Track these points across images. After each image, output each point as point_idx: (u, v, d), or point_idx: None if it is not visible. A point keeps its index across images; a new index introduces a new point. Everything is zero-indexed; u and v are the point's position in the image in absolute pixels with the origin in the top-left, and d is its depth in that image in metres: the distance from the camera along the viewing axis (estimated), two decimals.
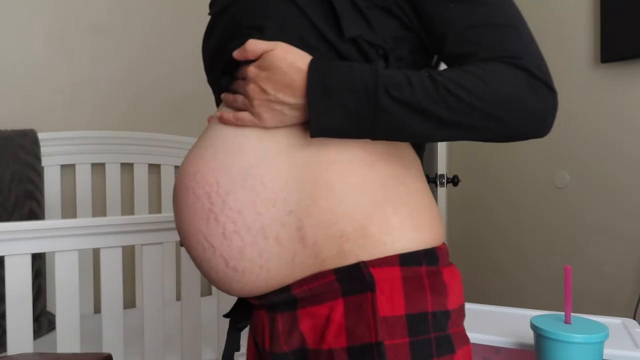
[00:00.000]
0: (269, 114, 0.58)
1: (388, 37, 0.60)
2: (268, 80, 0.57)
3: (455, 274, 0.63)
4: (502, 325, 0.98)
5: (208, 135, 0.64)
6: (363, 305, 0.57)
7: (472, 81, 0.54)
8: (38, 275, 1.60)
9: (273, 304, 0.62)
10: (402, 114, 0.54)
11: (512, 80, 0.55)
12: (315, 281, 0.58)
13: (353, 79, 0.54)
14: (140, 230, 1.24)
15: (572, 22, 1.86)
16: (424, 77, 0.55)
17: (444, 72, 0.56)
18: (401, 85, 0.54)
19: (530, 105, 0.55)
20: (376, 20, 0.59)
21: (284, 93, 0.57)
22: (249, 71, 0.59)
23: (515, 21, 0.58)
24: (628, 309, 1.67)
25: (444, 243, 0.64)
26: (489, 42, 0.57)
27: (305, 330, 0.59)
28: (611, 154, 1.75)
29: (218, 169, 0.59)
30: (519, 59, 0.55)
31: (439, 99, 0.53)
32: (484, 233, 2.23)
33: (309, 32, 0.59)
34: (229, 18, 0.65)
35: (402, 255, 0.58)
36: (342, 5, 0.58)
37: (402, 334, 0.56)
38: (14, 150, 1.65)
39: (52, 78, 1.85)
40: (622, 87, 1.71)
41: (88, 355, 0.90)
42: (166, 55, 2.07)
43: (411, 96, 0.54)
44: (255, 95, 0.58)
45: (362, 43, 0.58)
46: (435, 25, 0.59)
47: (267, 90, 0.57)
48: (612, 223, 1.75)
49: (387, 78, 0.54)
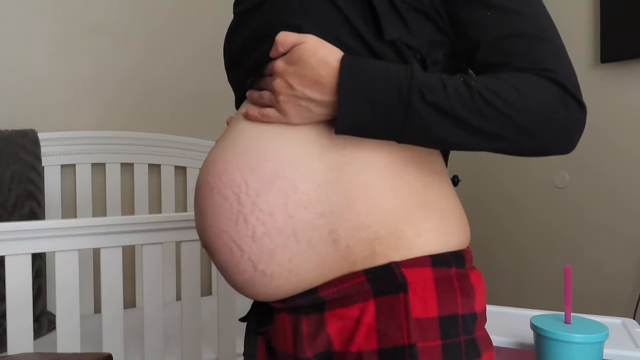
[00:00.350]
0: (294, 110, 0.57)
1: (424, 40, 0.59)
2: (295, 76, 0.56)
3: (479, 277, 0.63)
4: (502, 325, 0.98)
5: (231, 134, 0.62)
6: (395, 306, 0.56)
7: (507, 90, 0.53)
8: (38, 275, 1.60)
9: (298, 306, 0.60)
10: (433, 118, 0.53)
11: (545, 94, 0.54)
12: (345, 282, 0.57)
13: (388, 78, 0.53)
14: (140, 230, 1.24)
15: (572, 22, 1.86)
16: (459, 83, 0.54)
17: (479, 78, 0.55)
18: (436, 88, 0.53)
19: (561, 120, 0.54)
20: (414, 24, 0.58)
21: (311, 89, 0.55)
22: (277, 65, 0.58)
23: (550, 34, 0.57)
24: (628, 309, 1.67)
25: (468, 246, 0.64)
26: (523, 53, 0.56)
27: (333, 332, 0.58)
28: (611, 154, 1.75)
29: (245, 169, 0.58)
30: (553, 72, 0.55)
31: (472, 106, 0.53)
32: (483, 233, 2.23)
33: (347, 32, 0.58)
34: (261, 16, 0.63)
35: (434, 256, 0.58)
36: (382, 7, 0.57)
37: (434, 336, 0.56)
38: (14, 150, 1.65)
39: (52, 78, 1.85)
40: (622, 87, 1.71)
41: (88, 355, 0.89)
42: (167, 56, 2.07)
43: (445, 101, 0.53)
44: (282, 91, 0.57)
45: (401, 46, 0.57)
46: (469, 31, 0.59)
47: (294, 85, 0.56)
48: (612, 223, 1.75)
49: (423, 80, 0.53)
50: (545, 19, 0.58)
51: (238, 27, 0.69)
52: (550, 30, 0.58)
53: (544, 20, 0.58)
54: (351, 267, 0.57)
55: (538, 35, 0.56)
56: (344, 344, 0.57)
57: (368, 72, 0.54)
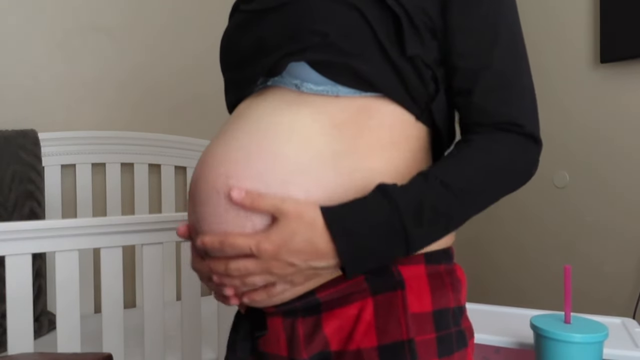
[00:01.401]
0: (302, 279, 0.56)
1: (432, 58, 0.61)
2: (290, 253, 0.53)
3: (462, 271, 0.67)
4: (502, 325, 0.98)
5: (236, 135, 0.60)
6: (393, 303, 0.58)
7: (479, 176, 0.58)
8: (38, 275, 1.60)
9: (293, 309, 0.60)
10: (432, 231, 0.56)
11: (511, 157, 0.59)
12: (343, 282, 0.58)
13: (379, 229, 0.54)
14: (140, 230, 1.24)
15: (572, 22, 1.86)
16: (438, 190, 0.56)
17: (451, 170, 0.58)
18: (422, 210, 0.55)
19: (524, 169, 0.61)
20: (428, 41, 0.60)
21: (314, 261, 0.54)
22: (264, 250, 0.53)
23: (523, 77, 0.62)
24: (628, 309, 1.67)
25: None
26: (497, 101, 0.60)
27: (329, 332, 0.59)
28: (611, 154, 1.75)
29: (254, 175, 0.56)
30: (522, 127, 0.60)
31: (456, 206, 0.56)
32: (484, 233, 2.23)
33: (371, 44, 0.58)
34: (284, 18, 0.62)
35: (427, 254, 0.61)
36: (406, 24, 0.58)
37: (430, 329, 0.58)
38: (14, 150, 1.65)
39: (52, 78, 1.85)
40: (622, 87, 1.71)
41: (88, 355, 0.90)
42: (167, 56, 2.07)
43: (435, 216, 0.55)
44: (286, 271, 0.54)
45: (419, 62, 0.59)
46: (452, 56, 0.62)
47: (295, 263, 0.54)
48: (611, 223, 1.75)
49: (407, 207, 0.54)
50: (522, 58, 0.62)
51: (249, 26, 0.66)
52: (525, 72, 0.62)
53: (521, 60, 0.62)
54: None
55: (511, 83, 0.61)
56: (342, 343, 0.58)
57: (356, 226, 0.53)
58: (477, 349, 0.93)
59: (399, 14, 0.58)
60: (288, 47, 0.60)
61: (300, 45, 0.59)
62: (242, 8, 0.68)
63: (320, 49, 0.58)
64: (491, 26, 0.61)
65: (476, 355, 0.94)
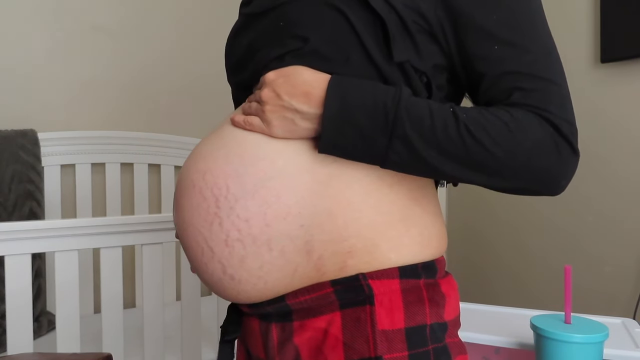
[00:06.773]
0: (279, 122, 0.56)
1: (430, 64, 0.58)
2: (285, 85, 0.55)
3: (452, 284, 0.63)
4: (502, 325, 0.98)
5: (222, 135, 0.61)
6: (361, 318, 0.55)
7: (496, 126, 0.52)
8: (38, 275, 1.60)
9: (267, 313, 0.60)
10: (417, 147, 0.52)
11: (538, 135, 0.53)
12: (312, 293, 0.57)
13: (374, 102, 0.52)
14: (140, 230, 1.24)
15: (572, 22, 1.86)
16: (447, 113, 0.53)
17: (470, 110, 0.54)
18: (422, 117, 0.52)
19: (549, 164, 0.53)
20: (423, 45, 0.57)
21: (298, 100, 0.54)
22: (267, 76, 0.57)
23: (557, 75, 0.56)
24: (628, 309, 1.67)
25: (442, 255, 0.64)
26: (527, 92, 0.54)
27: (300, 343, 0.58)
28: (611, 153, 1.75)
29: (230, 174, 0.57)
30: (552, 114, 0.53)
31: (457, 139, 0.52)
32: (484, 233, 2.23)
33: (356, 50, 0.56)
34: (270, 22, 0.62)
35: (402, 267, 0.57)
36: (394, 27, 0.55)
37: (401, 347, 0.55)
38: (14, 150, 1.65)
39: (52, 78, 1.85)
40: (622, 87, 1.71)
41: (88, 355, 0.89)
42: (167, 55, 2.07)
43: (430, 131, 0.52)
44: (269, 101, 0.56)
45: (409, 68, 0.56)
46: (475, 62, 0.57)
47: (281, 95, 0.55)
48: (612, 223, 1.75)
49: (410, 107, 0.52)
50: (555, 60, 0.56)
51: (244, 29, 0.67)
52: (557, 71, 0.56)
53: (554, 61, 0.56)
54: (321, 277, 0.57)
55: (545, 77, 0.55)
56: (312, 355, 0.57)
57: (354, 92, 0.53)
58: (477, 349, 0.93)
59: (384, 17, 0.55)
60: (271, 51, 0.60)
61: (281, 50, 0.59)
62: (241, 11, 0.69)
63: (300, 55, 0.57)
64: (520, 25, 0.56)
65: (476, 355, 0.93)
